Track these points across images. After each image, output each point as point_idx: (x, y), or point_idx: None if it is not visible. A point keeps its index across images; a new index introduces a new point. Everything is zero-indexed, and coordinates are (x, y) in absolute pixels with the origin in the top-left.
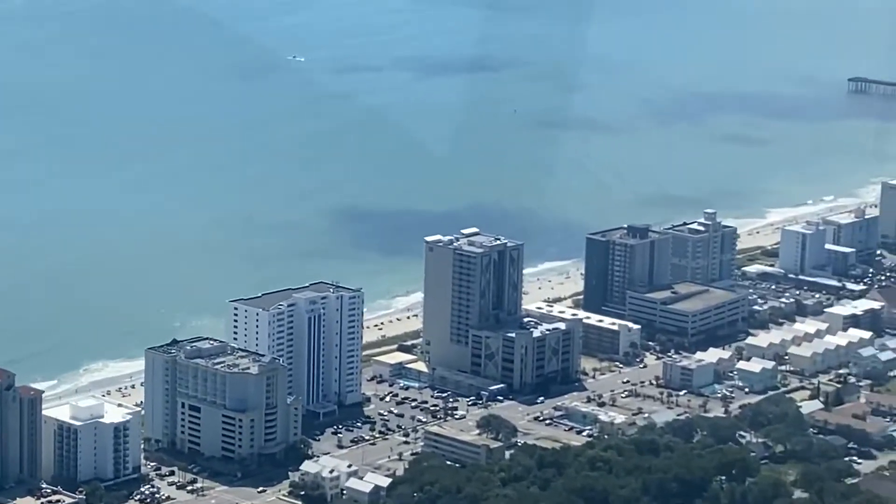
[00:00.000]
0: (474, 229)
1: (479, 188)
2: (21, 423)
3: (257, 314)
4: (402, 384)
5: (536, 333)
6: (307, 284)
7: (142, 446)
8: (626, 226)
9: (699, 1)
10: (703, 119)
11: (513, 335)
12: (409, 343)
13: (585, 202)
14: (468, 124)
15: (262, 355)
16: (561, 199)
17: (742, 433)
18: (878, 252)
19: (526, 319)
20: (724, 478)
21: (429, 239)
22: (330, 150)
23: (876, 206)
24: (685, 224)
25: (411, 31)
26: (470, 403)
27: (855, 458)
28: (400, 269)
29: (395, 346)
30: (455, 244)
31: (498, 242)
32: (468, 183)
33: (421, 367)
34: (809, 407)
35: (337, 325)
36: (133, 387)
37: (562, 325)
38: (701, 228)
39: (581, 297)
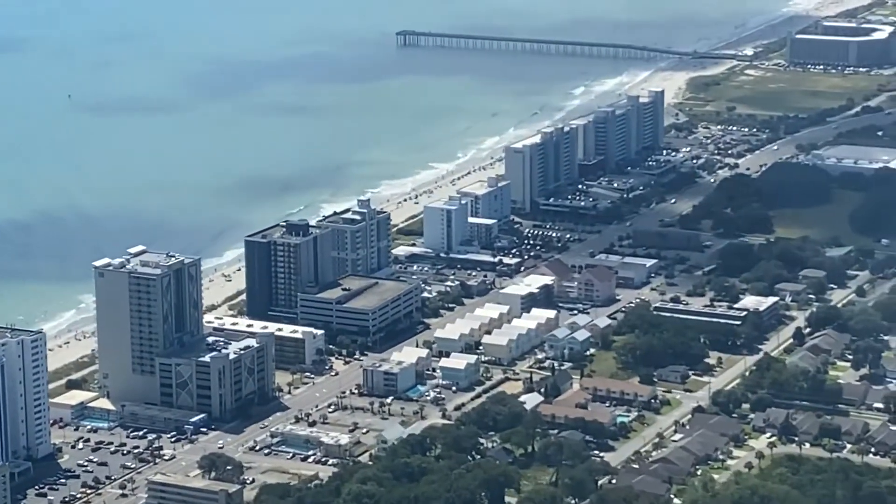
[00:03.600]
0: (141, 247)
1: (61, 190)
2: None
3: None
4: (88, 426)
5: (232, 355)
6: None
7: None
8: (283, 223)
9: None
10: (253, 90)
11: (207, 360)
12: (76, 377)
13: (175, 195)
14: (25, 116)
15: None
16: (158, 195)
17: (480, 440)
18: (512, 219)
19: (211, 339)
20: (484, 493)
21: (97, 263)
22: None
23: (484, 170)
24: (336, 214)
25: None
26: (173, 440)
27: (596, 452)
28: (31, 292)
29: (62, 382)
30: (128, 266)
31: (174, 260)
32: (46, 186)
33: (105, 404)
34: (531, 401)
35: (20, 372)
36: None
37: (252, 342)
38: (357, 217)
39: (236, 301)
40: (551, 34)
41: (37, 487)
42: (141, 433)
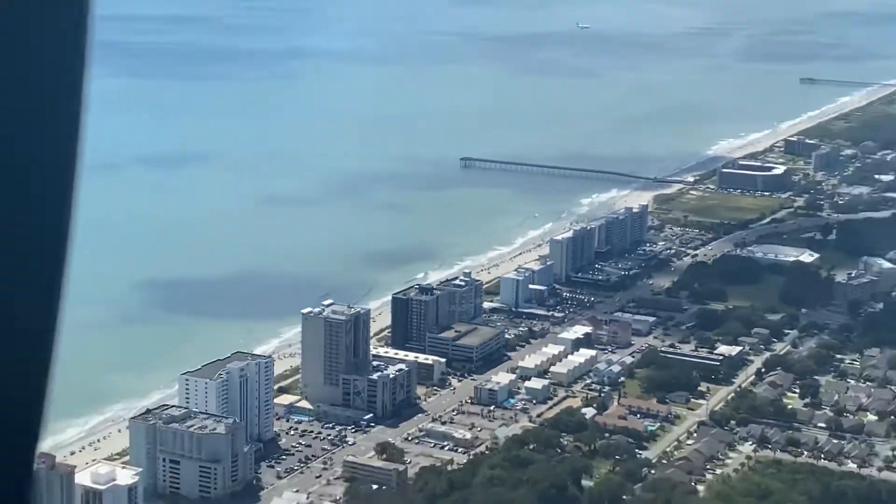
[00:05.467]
0: (330, 300)
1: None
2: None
3: (206, 384)
4: (295, 419)
5: (391, 374)
6: (229, 355)
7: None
8: (416, 286)
9: (296, 100)
10: (362, 193)
11: (375, 377)
12: (283, 384)
13: (328, 264)
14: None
15: (224, 417)
16: (315, 263)
17: (561, 439)
18: (554, 286)
19: (375, 363)
20: (571, 478)
21: (304, 311)
22: None
23: (530, 251)
24: (448, 281)
25: None
26: (353, 431)
27: (637, 451)
28: (241, 328)
29: (275, 388)
30: (324, 314)
31: (353, 311)
32: (242, 252)
33: (305, 405)
34: (589, 413)
35: (257, 384)
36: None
37: (403, 366)
38: (462, 283)
39: (381, 335)
40: (561, 162)
41: (266, 461)
42: (331, 425)
